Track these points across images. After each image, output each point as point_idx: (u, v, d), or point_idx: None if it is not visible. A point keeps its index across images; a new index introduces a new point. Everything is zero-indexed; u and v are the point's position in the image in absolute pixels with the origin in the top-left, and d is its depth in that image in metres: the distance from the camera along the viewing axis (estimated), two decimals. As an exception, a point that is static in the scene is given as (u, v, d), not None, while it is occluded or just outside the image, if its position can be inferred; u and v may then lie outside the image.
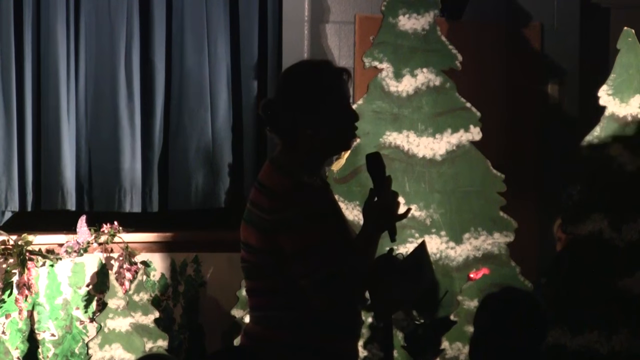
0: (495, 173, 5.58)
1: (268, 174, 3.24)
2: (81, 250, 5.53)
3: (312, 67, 3.33)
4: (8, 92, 5.64)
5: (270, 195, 3.16)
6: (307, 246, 3.11)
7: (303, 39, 6.13)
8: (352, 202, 5.43)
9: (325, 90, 3.22)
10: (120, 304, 5.40)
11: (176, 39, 5.94)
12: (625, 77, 5.17)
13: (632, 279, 5.12)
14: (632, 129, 5.21)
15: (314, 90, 3.21)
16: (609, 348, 5.11)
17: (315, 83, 3.22)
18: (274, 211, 3.13)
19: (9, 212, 5.71)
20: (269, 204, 3.15)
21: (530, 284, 5.52)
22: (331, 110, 3.22)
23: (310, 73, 3.25)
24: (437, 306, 5.41)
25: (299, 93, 3.21)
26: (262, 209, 3.16)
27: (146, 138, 5.91)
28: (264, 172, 3.26)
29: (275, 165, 3.23)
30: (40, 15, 5.70)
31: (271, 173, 3.23)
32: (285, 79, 3.28)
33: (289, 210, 3.12)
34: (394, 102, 5.53)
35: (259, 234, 3.17)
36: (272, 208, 3.14)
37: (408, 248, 5.52)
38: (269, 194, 3.17)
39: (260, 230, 3.17)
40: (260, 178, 3.25)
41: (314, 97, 3.20)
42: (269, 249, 3.16)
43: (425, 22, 5.56)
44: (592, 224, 5.17)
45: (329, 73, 3.25)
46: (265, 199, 3.17)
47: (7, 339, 5.46)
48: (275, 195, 3.15)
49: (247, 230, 3.23)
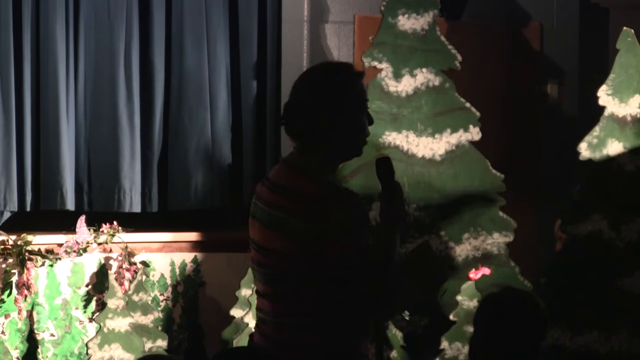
0: (494, 173, 5.58)
1: (288, 176, 3.18)
2: (80, 250, 5.53)
3: (339, 68, 3.30)
4: (7, 91, 5.64)
5: (303, 200, 3.10)
6: (354, 249, 3.08)
7: (302, 39, 6.13)
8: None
9: (352, 93, 3.21)
10: (120, 304, 5.40)
11: (176, 39, 5.94)
12: (624, 77, 5.18)
13: (632, 279, 5.12)
14: (631, 129, 5.21)
15: (343, 92, 3.20)
16: (609, 348, 5.11)
17: (344, 84, 3.20)
18: (315, 217, 3.07)
19: (7, 212, 5.71)
20: (304, 209, 3.08)
21: (530, 284, 5.52)
22: (356, 113, 3.21)
23: (339, 74, 3.23)
24: (437, 305, 5.42)
25: (330, 94, 3.18)
26: (295, 214, 3.09)
27: (146, 138, 5.90)
28: (281, 175, 3.21)
29: (295, 168, 3.19)
30: (40, 15, 5.70)
31: (293, 176, 3.17)
32: (312, 80, 3.24)
33: (333, 215, 3.07)
34: (394, 102, 5.53)
35: (291, 239, 3.11)
36: (310, 214, 3.08)
37: (408, 248, 5.52)
38: (300, 199, 3.11)
39: (292, 235, 3.10)
40: (277, 180, 3.20)
41: (344, 99, 3.19)
42: (302, 255, 3.10)
43: (425, 22, 5.57)
44: (592, 224, 5.17)
45: (354, 75, 3.24)
46: (296, 204, 3.10)
47: (7, 339, 5.46)
48: (312, 201, 3.09)
49: (269, 234, 3.16)
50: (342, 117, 3.17)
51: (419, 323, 5.52)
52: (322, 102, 3.17)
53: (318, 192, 3.10)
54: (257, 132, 6.07)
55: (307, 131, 3.18)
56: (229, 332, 5.54)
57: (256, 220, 3.23)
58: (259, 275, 3.24)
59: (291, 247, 3.11)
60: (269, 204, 3.18)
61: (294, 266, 3.12)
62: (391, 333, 5.36)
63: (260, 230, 3.20)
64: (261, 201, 3.22)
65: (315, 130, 3.17)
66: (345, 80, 3.20)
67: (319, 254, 3.08)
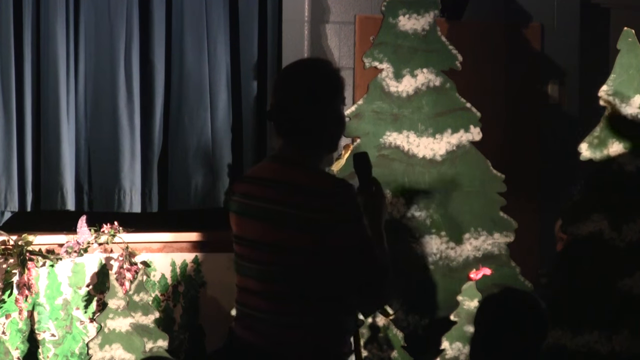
0: (495, 173, 5.58)
1: (289, 172, 3.20)
2: (81, 251, 5.53)
3: (319, 63, 3.34)
4: (8, 92, 5.64)
5: (316, 194, 3.12)
6: (367, 239, 3.13)
7: (303, 39, 6.14)
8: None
9: (334, 86, 3.27)
10: (121, 304, 5.40)
11: (176, 39, 5.94)
12: (625, 77, 5.18)
13: (632, 279, 5.12)
14: (632, 129, 5.21)
15: (337, 88, 3.26)
16: (609, 348, 5.11)
17: (327, 78, 3.26)
18: (330, 209, 3.10)
19: (8, 212, 5.71)
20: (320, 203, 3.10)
21: (530, 284, 5.52)
22: (339, 106, 3.28)
23: (320, 69, 3.28)
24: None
25: (327, 89, 3.23)
26: (310, 209, 3.11)
27: (146, 138, 5.90)
28: (276, 171, 3.23)
29: (295, 163, 3.21)
30: (40, 15, 5.70)
31: (295, 171, 3.20)
32: (295, 76, 3.27)
33: (346, 206, 3.12)
34: (394, 103, 5.54)
35: (301, 234, 3.12)
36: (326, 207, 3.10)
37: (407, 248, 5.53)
38: (307, 193, 3.13)
39: (303, 229, 3.12)
40: (273, 177, 3.22)
41: (339, 94, 3.26)
42: (313, 248, 3.11)
43: (425, 22, 5.57)
44: (592, 224, 5.17)
45: (333, 70, 3.30)
46: (310, 198, 3.12)
47: (7, 339, 5.46)
48: (325, 194, 3.12)
49: (271, 230, 3.17)
50: (328, 110, 3.22)
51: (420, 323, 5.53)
52: (327, 97, 3.21)
53: (330, 185, 3.14)
54: (257, 132, 6.08)
55: (295, 127, 3.21)
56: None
57: (248, 217, 3.25)
58: (251, 272, 3.25)
59: (303, 241, 3.12)
60: (271, 201, 3.19)
61: (303, 260, 3.14)
62: (392, 333, 5.36)
63: (260, 227, 3.21)
64: (254, 199, 3.24)
65: (303, 125, 3.21)
66: (326, 74, 3.26)
67: (333, 245, 3.10)
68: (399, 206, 5.50)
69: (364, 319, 4.06)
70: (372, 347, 5.35)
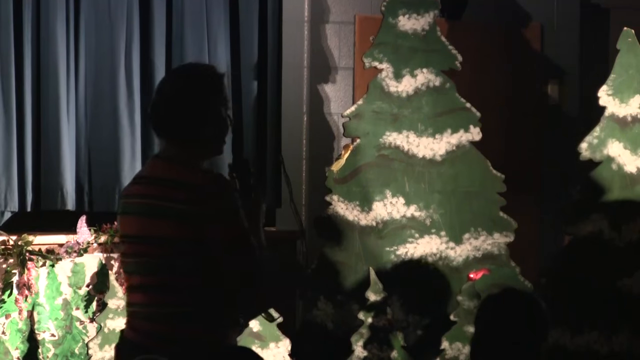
0: (495, 173, 5.58)
1: (166, 168, 3.30)
2: (81, 251, 5.52)
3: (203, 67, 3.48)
4: (8, 91, 5.63)
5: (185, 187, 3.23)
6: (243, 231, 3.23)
7: (303, 39, 6.13)
8: (351, 202, 5.43)
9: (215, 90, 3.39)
10: (121, 304, 5.40)
11: (176, 39, 5.94)
12: (625, 78, 5.18)
13: (632, 279, 5.13)
14: (632, 129, 5.21)
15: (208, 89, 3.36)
16: (609, 348, 5.11)
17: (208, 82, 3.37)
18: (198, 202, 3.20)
19: (8, 213, 5.71)
20: (186, 195, 3.21)
21: (530, 284, 5.52)
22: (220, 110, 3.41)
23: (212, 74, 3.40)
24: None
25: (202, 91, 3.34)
26: (178, 201, 3.21)
27: (146, 138, 5.90)
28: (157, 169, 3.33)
29: (173, 160, 3.31)
30: (40, 14, 5.69)
31: (172, 167, 3.29)
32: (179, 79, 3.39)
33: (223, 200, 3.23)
34: (394, 103, 5.54)
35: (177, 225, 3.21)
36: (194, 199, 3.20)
37: (407, 248, 5.53)
38: (182, 187, 3.23)
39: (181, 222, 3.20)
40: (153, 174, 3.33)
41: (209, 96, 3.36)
42: (190, 240, 3.21)
43: (425, 22, 5.57)
44: (592, 224, 5.18)
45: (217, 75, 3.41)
46: (178, 191, 3.22)
47: (7, 339, 5.46)
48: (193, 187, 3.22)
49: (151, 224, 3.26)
50: (208, 113, 3.34)
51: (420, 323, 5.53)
52: (189, 99, 3.32)
53: (207, 180, 3.25)
54: (257, 132, 6.07)
55: (177, 127, 3.32)
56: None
57: (129, 215, 3.35)
58: (134, 267, 3.33)
59: (177, 232, 3.22)
60: (148, 196, 3.30)
61: (179, 252, 3.23)
62: (392, 333, 5.36)
63: (139, 222, 3.30)
64: (134, 197, 3.34)
65: (185, 125, 3.31)
66: (203, 75, 3.37)
67: (210, 237, 3.21)
68: (399, 206, 5.50)
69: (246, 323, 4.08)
70: (372, 347, 5.35)
